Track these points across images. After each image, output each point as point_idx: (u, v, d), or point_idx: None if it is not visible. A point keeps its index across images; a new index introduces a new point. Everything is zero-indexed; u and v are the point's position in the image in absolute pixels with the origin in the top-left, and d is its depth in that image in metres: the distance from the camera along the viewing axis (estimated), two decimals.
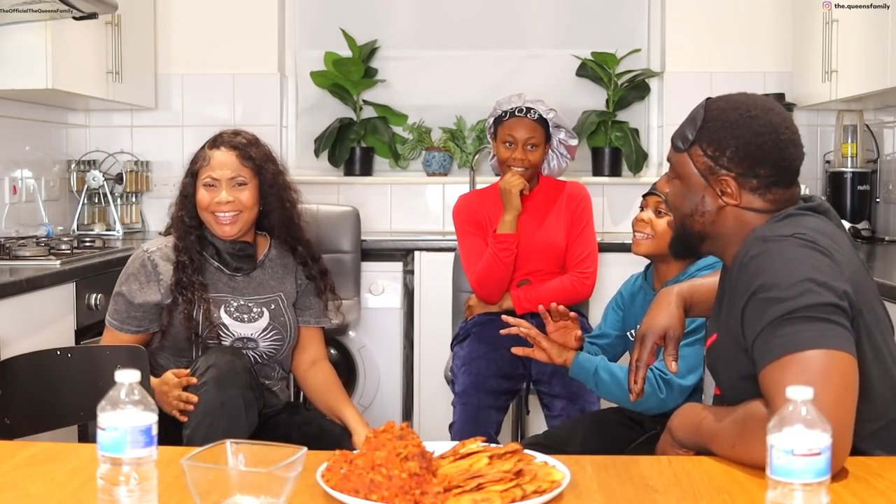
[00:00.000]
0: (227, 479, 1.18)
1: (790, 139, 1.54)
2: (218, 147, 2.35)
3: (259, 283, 2.40)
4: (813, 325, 1.35)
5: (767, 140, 1.52)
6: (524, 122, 2.99)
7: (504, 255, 2.96)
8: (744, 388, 1.46)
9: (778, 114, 1.56)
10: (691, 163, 1.58)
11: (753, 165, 1.53)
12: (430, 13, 4.40)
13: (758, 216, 1.55)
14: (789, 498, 1.08)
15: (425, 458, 1.25)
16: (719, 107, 1.57)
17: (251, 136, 2.41)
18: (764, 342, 1.37)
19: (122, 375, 1.13)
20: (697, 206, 1.59)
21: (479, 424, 2.79)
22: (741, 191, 1.54)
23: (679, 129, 1.62)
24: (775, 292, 1.38)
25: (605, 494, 1.29)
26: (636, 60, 4.31)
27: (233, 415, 2.10)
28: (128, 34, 3.77)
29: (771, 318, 1.37)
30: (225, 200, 2.30)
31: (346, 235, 3.83)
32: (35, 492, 1.31)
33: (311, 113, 4.41)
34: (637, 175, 4.18)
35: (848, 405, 1.33)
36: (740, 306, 1.44)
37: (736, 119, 1.54)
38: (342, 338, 3.82)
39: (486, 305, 3.07)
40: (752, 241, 1.48)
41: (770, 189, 1.54)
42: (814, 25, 3.74)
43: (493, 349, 2.88)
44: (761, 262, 1.43)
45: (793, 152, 1.55)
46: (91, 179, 4.02)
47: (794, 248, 1.42)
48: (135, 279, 2.32)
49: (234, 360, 2.17)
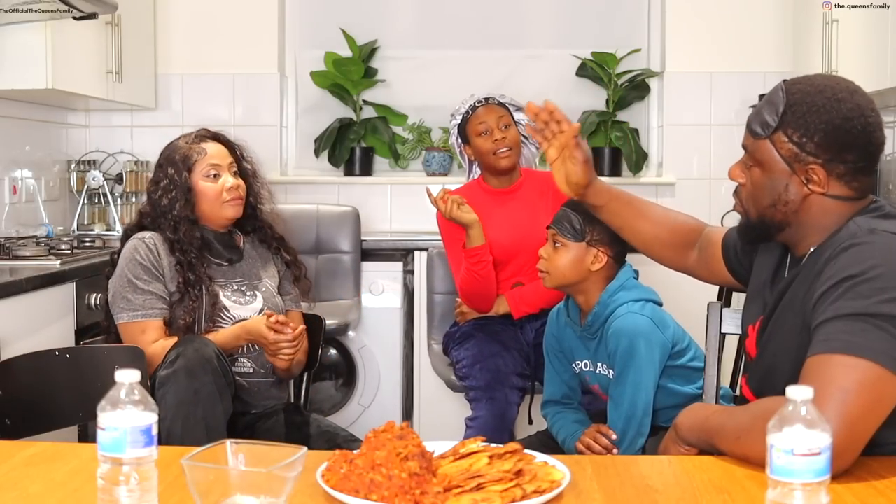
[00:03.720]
0: (227, 479, 1.18)
1: (877, 122, 1.50)
2: (204, 140, 2.43)
3: (246, 271, 2.46)
4: (881, 336, 1.31)
5: (857, 124, 1.47)
6: (490, 107, 3.01)
7: (479, 268, 2.87)
8: (794, 370, 1.40)
9: (863, 95, 1.51)
10: (774, 149, 1.51)
11: (841, 151, 1.47)
12: (430, 13, 4.40)
13: (842, 204, 1.50)
14: (789, 498, 1.08)
15: (425, 458, 1.25)
16: (802, 90, 1.50)
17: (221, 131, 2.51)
18: (828, 330, 1.34)
19: (122, 375, 1.13)
20: (781, 194, 1.52)
21: (506, 420, 2.72)
22: (829, 177, 1.49)
23: (756, 114, 1.54)
24: (864, 287, 1.34)
25: (605, 494, 1.29)
26: (636, 60, 4.31)
27: (207, 402, 2.10)
28: (128, 34, 3.77)
29: (847, 310, 1.34)
30: (234, 185, 2.40)
31: (345, 235, 3.84)
32: (35, 492, 1.31)
33: (311, 113, 4.41)
34: (637, 175, 4.18)
35: (870, 424, 1.31)
36: (823, 288, 1.39)
37: (823, 103, 1.47)
38: (342, 338, 3.82)
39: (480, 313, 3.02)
40: (857, 229, 1.44)
41: (857, 176, 1.49)
42: (814, 25, 3.73)
43: (505, 348, 2.83)
44: (863, 251, 1.39)
45: (880, 136, 1.50)
46: (91, 179, 4.02)
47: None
48: (142, 267, 2.32)
49: (202, 347, 2.16)
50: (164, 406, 2.10)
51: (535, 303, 2.94)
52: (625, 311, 2.16)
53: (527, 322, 2.96)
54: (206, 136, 2.45)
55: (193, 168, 2.38)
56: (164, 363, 2.16)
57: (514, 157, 2.99)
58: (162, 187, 2.39)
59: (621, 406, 2.15)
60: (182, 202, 2.36)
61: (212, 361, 2.14)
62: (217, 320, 2.34)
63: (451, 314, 3.32)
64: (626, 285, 2.21)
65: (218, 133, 2.48)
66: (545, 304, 2.95)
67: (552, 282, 2.27)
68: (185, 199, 2.37)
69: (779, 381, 1.49)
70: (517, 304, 2.94)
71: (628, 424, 2.14)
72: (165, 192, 2.38)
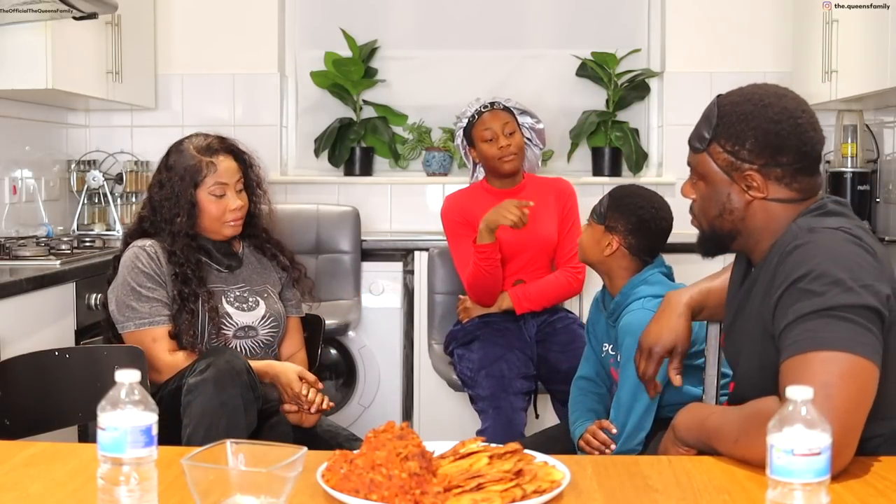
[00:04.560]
0: (227, 479, 1.18)
1: (808, 122, 1.51)
2: (216, 154, 2.38)
3: (246, 277, 2.46)
4: (846, 326, 1.32)
5: (785, 126, 1.49)
6: (496, 113, 3.06)
7: (486, 264, 2.95)
8: (762, 378, 1.44)
9: (792, 99, 1.53)
10: (712, 161, 1.55)
11: (775, 154, 1.50)
12: (430, 13, 4.40)
13: (787, 207, 1.52)
14: (789, 498, 1.08)
15: (425, 458, 1.25)
16: (731, 101, 1.54)
17: (232, 139, 2.48)
18: (793, 333, 1.35)
19: (122, 375, 1.13)
20: (725, 203, 1.56)
21: (514, 427, 2.76)
22: (767, 182, 1.52)
23: (695, 130, 1.58)
24: (816, 285, 1.36)
25: (605, 494, 1.29)
26: (636, 60, 4.31)
27: (232, 414, 2.09)
28: (128, 34, 3.77)
29: (806, 310, 1.35)
30: (238, 207, 2.38)
31: (345, 235, 3.84)
32: (35, 492, 1.31)
33: (311, 113, 4.41)
34: (637, 175, 4.18)
35: (860, 414, 1.32)
36: (777, 294, 1.41)
37: (751, 110, 1.51)
38: (342, 338, 3.82)
39: (484, 308, 3.07)
40: (798, 230, 1.46)
41: (796, 177, 1.51)
42: (814, 25, 3.73)
43: (508, 350, 2.89)
44: (807, 251, 1.40)
45: (813, 136, 1.52)
46: (91, 179, 4.02)
47: (841, 243, 1.40)
48: (144, 275, 2.31)
49: (233, 359, 2.16)
50: (189, 413, 2.10)
51: (537, 301, 3.04)
52: (638, 305, 2.20)
53: (530, 317, 3.05)
54: (220, 149, 2.39)
55: (200, 184, 2.35)
56: (193, 370, 2.14)
57: (518, 162, 3.08)
58: (164, 195, 2.37)
59: (620, 400, 2.17)
60: (184, 217, 2.34)
61: (242, 375, 2.13)
62: (221, 327, 2.34)
63: (451, 314, 3.33)
64: (650, 280, 2.25)
65: (231, 144, 2.43)
66: (547, 302, 3.04)
67: (579, 255, 2.42)
68: (186, 215, 2.34)
69: (748, 390, 1.52)
70: (519, 300, 3.02)
71: (627, 418, 2.16)
72: (167, 201, 2.36)
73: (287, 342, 2.52)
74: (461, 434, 2.73)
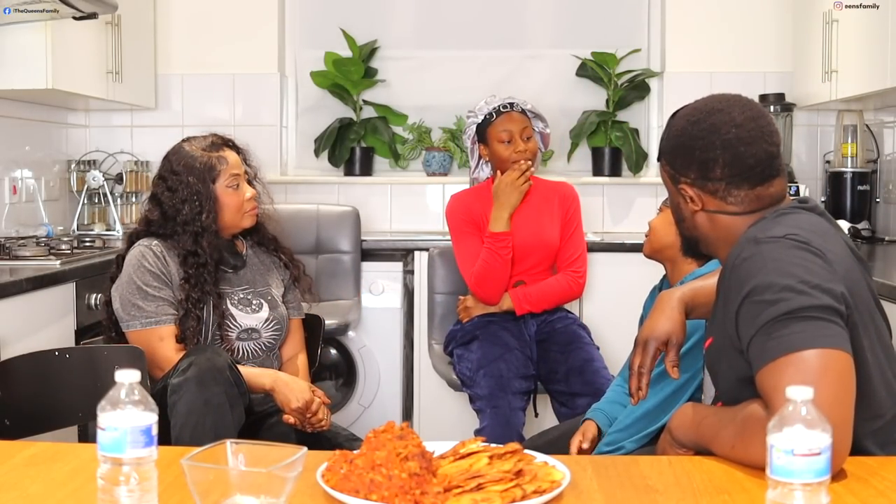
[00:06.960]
0: (227, 479, 1.18)
1: (738, 137, 1.52)
2: (221, 149, 2.41)
3: (250, 279, 2.46)
4: (807, 325, 1.34)
5: (708, 143, 1.53)
6: (514, 115, 3.04)
7: (503, 252, 2.96)
8: (741, 389, 1.46)
9: (726, 114, 1.54)
10: (664, 173, 1.64)
11: (702, 169, 1.54)
12: (430, 13, 4.40)
13: (734, 218, 1.55)
14: (789, 498, 1.08)
15: (425, 458, 1.25)
16: (676, 116, 1.61)
17: (227, 134, 2.52)
18: (759, 344, 1.37)
19: (122, 375, 1.13)
20: (678, 213, 1.65)
21: (512, 427, 2.76)
22: (702, 195, 1.56)
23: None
24: (768, 295, 1.37)
25: (605, 494, 1.29)
26: (636, 60, 4.31)
27: (217, 412, 2.09)
28: (128, 34, 3.77)
29: (765, 320, 1.36)
30: (252, 196, 2.44)
31: (345, 235, 3.83)
32: (35, 492, 1.31)
33: (311, 113, 4.41)
34: (637, 175, 4.18)
35: (846, 404, 1.32)
36: (734, 309, 1.43)
37: (682, 127, 1.57)
38: (342, 338, 3.82)
39: (485, 307, 3.07)
40: (744, 242, 1.47)
41: (731, 191, 1.54)
42: (814, 25, 3.73)
43: (507, 350, 2.89)
44: (753, 264, 1.42)
45: (744, 150, 1.52)
46: (91, 179, 4.02)
47: (787, 250, 1.41)
48: (151, 273, 2.32)
49: (215, 357, 2.15)
50: (175, 413, 2.10)
51: (537, 302, 3.04)
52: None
53: (529, 317, 3.06)
54: (222, 144, 2.43)
55: (217, 178, 2.37)
56: (175, 371, 2.15)
57: (532, 167, 3.06)
58: (180, 197, 2.36)
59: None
60: (207, 213, 2.35)
61: (223, 371, 2.13)
62: (224, 328, 2.34)
63: (451, 314, 3.33)
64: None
65: (229, 139, 2.47)
66: (548, 305, 3.05)
67: (645, 247, 2.40)
68: (209, 210, 2.35)
69: (726, 399, 1.53)
70: (520, 301, 3.02)
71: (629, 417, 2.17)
72: (186, 202, 2.35)
73: (288, 344, 2.53)
74: (461, 434, 2.74)
